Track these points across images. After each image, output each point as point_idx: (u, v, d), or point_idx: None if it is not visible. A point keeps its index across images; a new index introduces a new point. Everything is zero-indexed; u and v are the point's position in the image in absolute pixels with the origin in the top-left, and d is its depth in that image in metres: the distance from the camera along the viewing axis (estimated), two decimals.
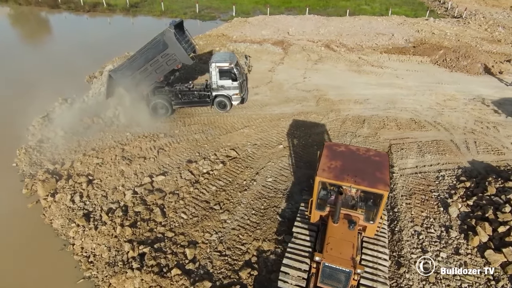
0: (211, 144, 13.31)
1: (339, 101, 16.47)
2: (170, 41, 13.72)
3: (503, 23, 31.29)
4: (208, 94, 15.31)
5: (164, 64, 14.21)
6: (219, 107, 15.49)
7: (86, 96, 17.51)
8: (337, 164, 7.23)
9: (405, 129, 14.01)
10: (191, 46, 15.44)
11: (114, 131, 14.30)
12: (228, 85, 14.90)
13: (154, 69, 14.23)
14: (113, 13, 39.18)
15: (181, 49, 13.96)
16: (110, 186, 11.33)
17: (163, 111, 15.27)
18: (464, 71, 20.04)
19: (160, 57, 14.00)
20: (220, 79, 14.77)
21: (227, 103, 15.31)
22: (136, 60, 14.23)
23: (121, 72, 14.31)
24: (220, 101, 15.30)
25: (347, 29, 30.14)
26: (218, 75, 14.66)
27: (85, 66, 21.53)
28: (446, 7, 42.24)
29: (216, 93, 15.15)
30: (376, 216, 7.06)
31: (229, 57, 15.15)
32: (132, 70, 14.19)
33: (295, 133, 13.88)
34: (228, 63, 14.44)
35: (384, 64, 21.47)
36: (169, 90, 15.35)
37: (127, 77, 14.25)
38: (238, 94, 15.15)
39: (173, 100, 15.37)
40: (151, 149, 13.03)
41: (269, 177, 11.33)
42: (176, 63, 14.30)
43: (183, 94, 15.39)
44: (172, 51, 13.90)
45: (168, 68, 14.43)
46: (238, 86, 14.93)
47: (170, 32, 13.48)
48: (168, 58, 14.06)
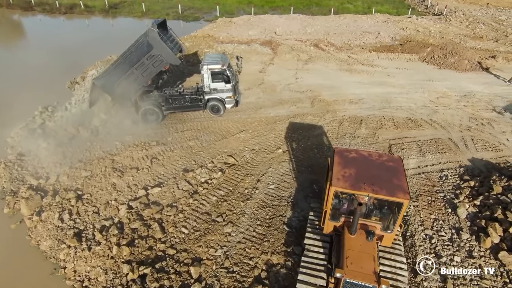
0: (207, 151, 12.72)
1: (334, 102, 16.22)
2: (154, 42, 12.99)
3: (482, 20, 32.10)
4: (200, 98, 14.69)
5: (150, 67, 13.46)
6: (212, 111, 14.90)
7: (69, 103, 16.51)
8: (351, 171, 6.86)
9: (403, 128, 13.89)
10: (177, 45, 14.75)
11: (102, 140, 13.45)
12: (221, 88, 14.33)
13: (141, 72, 13.46)
14: (91, 14, 37.67)
15: (167, 48, 13.26)
16: (101, 201, 10.56)
17: (154, 117, 14.52)
18: (452, 68, 20.27)
19: (145, 59, 13.25)
20: (212, 82, 14.18)
21: (220, 106, 14.75)
22: (120, 64, 13.42)
23: (105, 79, 13.46)
24: (213, 105, 14.72)
25: (334, 28, 30.09)
26: (210, 77, 14.07)
27: (65, 71, 20.44)
28: (426, 5, 43.07)
29: (209, 97, 14.55)
30: (394, 225, 6.74)
31: (221, 58, 14.58)
32: (117, 75, 13.37)
33: (293, 136, 13.49)
34: (220, 65, 13.88)
35: (374, 62, 21.45)
36: (159, 95, 14.61)
37: (112, 83, 13.42)
38: (232, 97, 14.61)
39: (164, 105, 14.65)
40: (144, 159, 12.31)
41: (271, 184, 10.88)
42: (163, 64, 13.57)
43: (174, 98, 14.69)
44: (157, 52, 13.17)
45: (155, 70, 13.68)
46: (231, 89, 14.39)
47: (153, 32, 12.76)
48: (154, 60, 13.31)
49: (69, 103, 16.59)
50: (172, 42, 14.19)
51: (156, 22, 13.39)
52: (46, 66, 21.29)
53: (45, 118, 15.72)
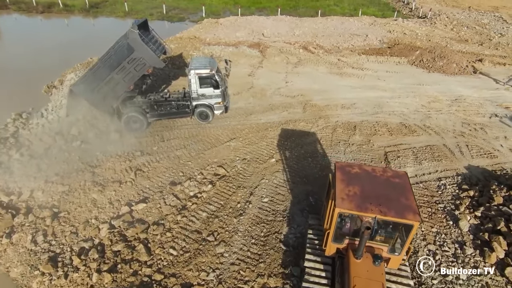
0: (196, 161, 11.99)
1: (326, 107, 15.78)
2: (135, 43, 12.12)
3: (466, 23, 32.60)
4: (187, 104, 13.92)
5: (132, 71, 12.58)
6: (200, 118, 14.16)
7: (45, 109, 15.34)
8: (355, 190, 6.33)
9: (397, 134, 13.58)
10: (160, 47, 13.90)
11: (82, 151, 12.48)
12: (209, 94, 13.63)
13: (122, 77, 12.58)
14: (71, 14, 36.01)
15: (149, 51, 12.40)
16: (80, 219, 9.66)
17: (137, 125, 13.65)
18: (441, 71, 20.26)
19: (126, 63, 12.37)
20: (200, 87, 13.46)
21: (209, 113, 14.03)
22: (99, 69, 12.50)
23: (84, 85, 12.51)
24: (201, 111, 13.98)
25: (322, 30, 29.84)
26: (198, 83, 13.34)
27: (41, 75, 19.19)
28: (410, 8, 43.57)
29: (197, 103, 13.81)
30: (402, 248, 6.26)
31: (209, 62, 13.86)
32: (96, 81, 12.46)
33: (286, 144, 12.93)
34: (208, 69, 13.17)
35: (363, 65, 21.20)
36: (143, 101, 13.75)
37: (92, 90, 12.50)
38: (221, 103, 13.93)
39: (148, 112, 13.80)
40: (127, 171, 11.46)
41: (265, 197, 10.26)
42: (146, 67, 12.70)
43: (159, 104, 13.86)
44: (139, 55, 12.29)
45: (138, 74, 12.82)
46: (220, 94, 13.71)
47: (133, 33, 11.90)
48: (136, 63, 12.44)
49: (46, 109, 15.43)
50: (154, 43, 13.36)
51: (137, 22, 12.53)
52: (21, 69, 20.02)
53: (19, 126, 14.55)
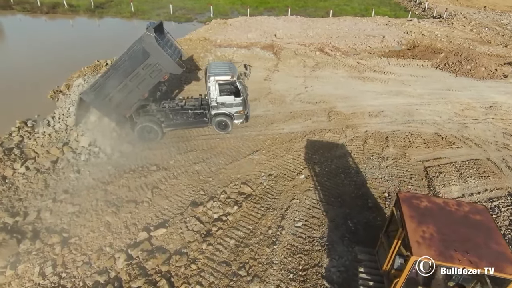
0: (217, 177, 10.93)
1: (352, 115, 14.69)
2: (151, 48, 11.12)
3: (485, 24, 31.37)
4: (205, 112, 12.89)
5: (147, 77, 11.57)
6: (219, 127, 13.12)
7: (52, 117, 14.35)
8: (430, 230, 5.26)
9: (434, 147, 12.47)
10: (177, 51, 12.89)
11: (92, 165, 11.47)
12: (229, 102, 12.61)
13: (136, 84, 11.57)
14: (75, 14, 35.05)
15: (166, 56, 11.41)
16: (93, 246, 8.63)
17: (152, 135, 12.61)
18: (469, 76, 19.11)
19: (141, 69, 11.36)
20: (220, 95, 12.42)
21: (228, 122, 12.98)
22: (112, 76, 11.48)
23: (94, 93, 11.50)
24: (220, 121, 12.94)
25: (336, 31, 28.72)
26: (218, 90, 12.30)
27: (46, 79, 18.23)
28: (423, 8, 42.32)
29: (216, 112, 12.77)
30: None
31: (229, 68, 12.81)
32: (108, 89, 11.46)
33: (314, 157, 11.85)
34: (229, 76, 12.13)
35: (385, 69, 20.08)
36: (157, 110, 12.73)
37: (103, 98, 11.51)
38: (242, 112, 12.90)
39: (163, 121, 12.77)
40: (143, 189, 10.41)
41: (298, 221, 9.18)
42: (162, 74, 11.70)
43: (175, 113, 12.82)
44: (155, 60, 11.29)
45: (153, 81, 11.82)
46: (241, 103, 12.68)
47: (150, 37, 10.86)
48: (151, 69, 11.44)
49: (52, 116, 14.44)
50: (170, 47, 12.33)
51: (152, 25, 11.49)
52: (25, 72, 19.07)
53: (24, 135, 13.59)
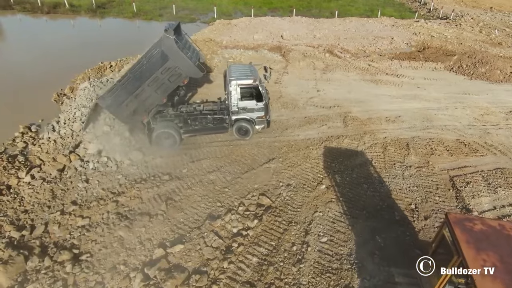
0: (233, 187, 10.40)
1: (369, 120, 14.18)
2: (170, 51, 10.55)
3: (493, 25, 30.94)
4: (225, 118, 12.35)
5: (166, 82, 11.02)
6: (239, 133, 12.59)
7: (57, 122, 13.75)
8: (491, 259, 4.76)
9: (458, 154, 11.98)
10: (195, 53, 12.29)
11: (101, 174, 10.92)
12: (251, 107, 12.10)
13: (154, 89, 11.02)
14: (77, 14, 34.42)
15: (186, 59, 10.85)
16: (106, 264, 8.08)
17: (170, 142, 12.04)
18: (484, 79, 18.65)
19: (159, 73, 10.80)
20: (241, 100, 11.89)
21: (249, 128, 12.44)
22: (130, 80, 10.95)
23: (111, 98, 10.99)
24: (240, 126, 12.40)
25: (343, 32, 28.23)
26: (239, 95, 11.76)
27: (49, 81, 17.65)
28: (428, 8, 41.88)
29: (236, 117, 12.23)
30: None
31: (250, 71, 12.30)
32: (125, 94, 10.93)
33: (333, 166, 11.34)
34: (252, 80, 11.63)
35: (397, 72, 19.59)
36: (175, 115, 12.19)
37: (120, 103, 10.99)
38: (263, 117, 12.38)
39: (182, 127, 12.24)
40: (156, 200, 9.87)
41: (323, 236, 8.67)
42: (182, 78, 11.12)
43: (193, 118, 12.28)
44: (174, 64, 10.72)
45: (172, 86, 11.25)
46: (263, 108, 12.16)
47: (169, 39, 10.32)
48: (170, 73, 10.87)
49: (57, 121, 13.85)
50: (189, 50, 11.78)
51: (171, 26, 10.92)
52: (27, 75, 18.45)
53: (28, 141, 13.02)
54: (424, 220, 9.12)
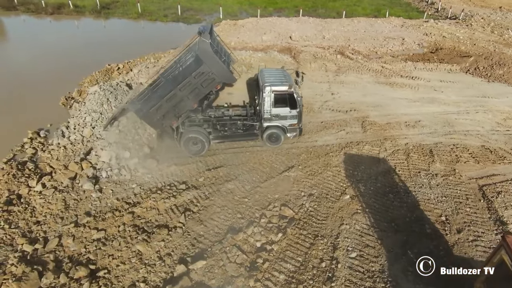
0: (253, 197, 9.97)
1: (388, 125, 13.73)
2: (205, 55, 10.05)
3: (505, 25, 30.40)
4: (256, 124, 11.92)
5: (199, 87, 10.58)
6: (270, 141, 12.15)
7: (66, 127, 13.33)
8: None
9: (484, 162, 11.52)
10: (228, 57, 11.83)
11: (115, 183, 10.51)
12: (284, 114, 11.64)
13: (186, 94, 10.60)
14: (81, 15, 34.06)
15: (220, 64, 10.38)
16: (125, 282, 7.66)
17: (198, 147, 11.66)
18: (502, 81, 18.15)
19: (193, 78, 10.37)
20: (275, 107, 11.44)
21: (280, 136, 12.03)
22: (161, 85, 10.54)
23: (141, 103, 10.61)
24: (271, 133, 11.96)
25: (352, 33, 27.76)
26: (273, 101, 11.31)
27: (56, 84, 17.28)
28: (436, 8, 41.31)
29: (268, 124, 11.78)
30: None
31: (285, 77, 11.86)
32: (156, 98, 10.54)
33: (355, 174, 10.90)
34: (287, 86, 11.16)
35: (412, 74, 19.12)
36: (204, 119, 11.81)
37: (150, 107, 10.63)
38: (296, 125, 11.94)
39: (211, 133, 11.84)
40: (173, 211, 9.45)
41: (352, 251, 8.23)
42: (215, 83, 10.67)
43: (222, 124, 11.88)
44: (208, 69, 10.25)
45: (204, 91, 10.83)
46: (296, 115, 11.71)
47: (205, 43, 9.86)
48: (204, 78, 10.42)
49: (67, 126, 13.43)
50: (222, 53, 11.30)
51: (205, 29, 10.48)
52: (33, 77, 18.09)
53: (37, 147, 12.64)
54: (457, 234, 8.67)
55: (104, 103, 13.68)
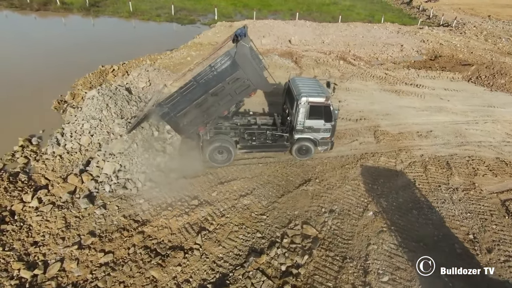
0: (272, 214, 9.36)
1: (400, 135, 13.43)
2: (242, 60, 9.36)
3: (497, 33, 31.01)
4: (286, 136, 11.33)
5: (232, 93, 9.94)
6: (299, 153, 11.57)
7: (61, 134, 12.31)
8: None
9: (502, 175, 11.35)
10: (260, 63, 11.21)
11: (120, 198, 9.67)
12: (317, 127, 11.03)
13: (217, 100, 9.93)
14: (69, 12, 32.57)
15: (258, 70, 9.81)
16: None
17: (224, 157, 10.99)
18: (504, 90, 18.28)
19: (226, 83, 9.71)
20: (309, 119, 10.82)
21: (311, 148, 11.45)
22: (192, 89, 9.82)
23: (169, 106, 9.86)
24: (301, 146, 11.38)
25: (351, 38, 27.61)
26: (308, 113, 10.71)
27: (46, 86, 16.17)
28: (428, 15, 41.98)
29: (300, 136, 11.17)
30: None
31: (320, 87, 11.27)
32: (186, 102, 9.84)
33: (375, 188, 10.48)
34: (324, 98, 10.53)
35: (416, 81, 19.01)
36: (230, 127, 11.19)
37: (178, 112, 9.90)
38: (328, 138, 11.37)
39: (239, 142, 11.22)
40: (188, 231, 8.72)
41: (383, 275, 7.75)
42: (250, 90, 10.01)
43: (250, 133, 11.27)
44: (244, 75, 9.58)
45: (237, 98, 10.22)
46: (330, 128, 11.14)
47: (244, 47, 9.18)
48: (238, 84, 9.78)
49: (62, 134, 12.41)
50: (255, 59, 10.66)
51: (242, 32, 9.81)
52: (22, 79, 16.84)
53: (30, 156, 11.63)
54: (488, 254, 8.36)
55: (104, 109, 12.74)
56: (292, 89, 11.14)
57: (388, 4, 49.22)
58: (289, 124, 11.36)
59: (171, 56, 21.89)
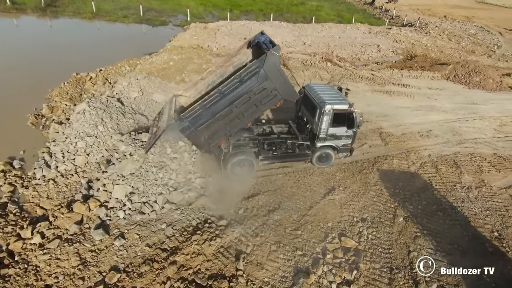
0: (305, 228, 9.00)
1: (404, 136, 13.77)
2: (271, 70, 8.86)
3: (457, 33, 33.38)
4: (307, 144, 10.98)
5: (258, 104, 9.36)
6: (320, 161, 11.28)
7: (49, 155, 10.94)
8: None
9: (504, 170, 12.05)
10: None
11: (138, 225, 8.70)
12: (340, 134, 10.80)
13: (242, 111, 9.30)
14: (22, 13, 29.45)
15: (285, 79, 9.34)
16: None
17: (246, 170, 10.41)
18: (480, 88, 19.61)
19: (252, 94, 9.11)
20: (332, 126, 10.52)
21: (332, 155, 11.22)
22: (216, 100, 9.00)
23: (189, 120, 8.96)
24: (322, 154, 11.09)
25: (330, 39, 28.08)
26: (331, 121, 10.38)
27: (15, 99, 14.31)
28: (391, 15, 44.06)
29: (322, 144, 10.83)
30: None
31: (339, 94, 11.04)
32: (208, 114, 9.08)
33: (397, 192, 10.56)
34: (347, 105, 10.28)
35: (402, 81, 19.74)
36: (250, 138, 10.63)
37: (199, 126, 9.15)
38: (349, 145, 11.20)
39: (260, 153, 10.64)
40: (224, 255, 8.06)
41: (431, 283, 7.73)
42: (276, 100, 9.50)
43: (270, 143, 10.80)
44: (272, 84, 9.08)
45: (263, 108, 9.69)
46: (352, 135, 10.95)
47: (274, 56, 8.64)
48: (265, 94, 9.24)
49: (50, 154, 11.02)
50: None
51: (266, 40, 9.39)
52: None
53: (16, 182, 10.16)
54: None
55: (99, 124, 11.50)
56: (311, 96, 10.85)
57: (352, 4, 50.94)
58: (309, 132, 11.06)
59: (152, 60, 20.52)
